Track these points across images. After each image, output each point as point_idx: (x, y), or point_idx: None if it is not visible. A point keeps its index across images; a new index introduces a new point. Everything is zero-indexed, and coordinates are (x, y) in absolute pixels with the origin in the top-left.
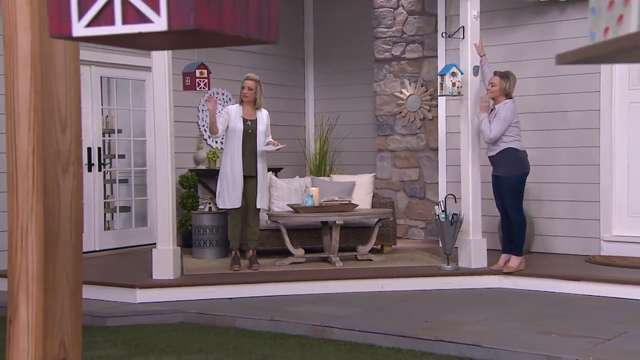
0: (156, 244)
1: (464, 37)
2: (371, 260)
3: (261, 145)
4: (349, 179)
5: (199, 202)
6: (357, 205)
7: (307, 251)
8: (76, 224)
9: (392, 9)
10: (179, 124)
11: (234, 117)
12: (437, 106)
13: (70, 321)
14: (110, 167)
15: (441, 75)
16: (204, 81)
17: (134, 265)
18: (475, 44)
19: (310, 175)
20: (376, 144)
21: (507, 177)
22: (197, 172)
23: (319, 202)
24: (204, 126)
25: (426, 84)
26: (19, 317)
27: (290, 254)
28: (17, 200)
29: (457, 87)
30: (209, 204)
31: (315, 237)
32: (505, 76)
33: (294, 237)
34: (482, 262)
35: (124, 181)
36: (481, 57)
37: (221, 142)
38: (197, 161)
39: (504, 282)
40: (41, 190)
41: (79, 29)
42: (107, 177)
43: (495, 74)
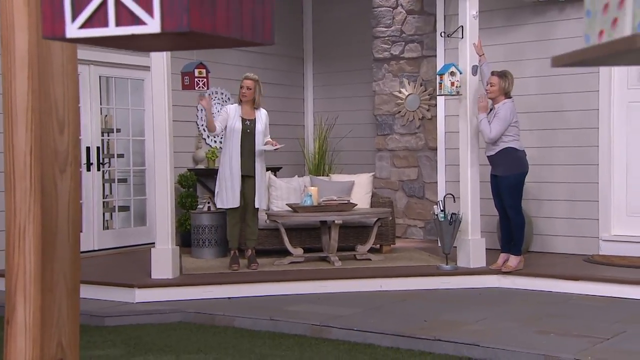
0: (155, 243)
1: (462, 37)
2: (370, 259)
3: (260, 144)
4: (348, 179)
5: (197, 202)
6: (356, 204)
7: (306, 251)
8: (74, 224)
9: (391, 9)
10: (178, 124)
11: (233, 117)
12: (436, 106)
13: (67, 321)
14: (109, 166)
15: (440, 74)
16: (202, 80)
17: (132, 264)
18: (474, 44)
19: (309, 174)
20: (375, 143)
21: (506, 177)
22: (196, 172)
23: (318, 201)
24: (202, 125)
25: (425, 84)
26: (17, 318)
27: (289, 254)
28: (14, 200)
29: (456, 87)
30: (208, 203)
31: (314, 237)
32: (503, 75)
33: (292, 237)
34: (480, 262)
35: (123, 180)
36: (480, 56)
37: (220, 141)
38: (196, 160)
39: (502, 282)
40: (39, 190)
41: (73, 30)
42: (106, 176)
43: (492, 74)
